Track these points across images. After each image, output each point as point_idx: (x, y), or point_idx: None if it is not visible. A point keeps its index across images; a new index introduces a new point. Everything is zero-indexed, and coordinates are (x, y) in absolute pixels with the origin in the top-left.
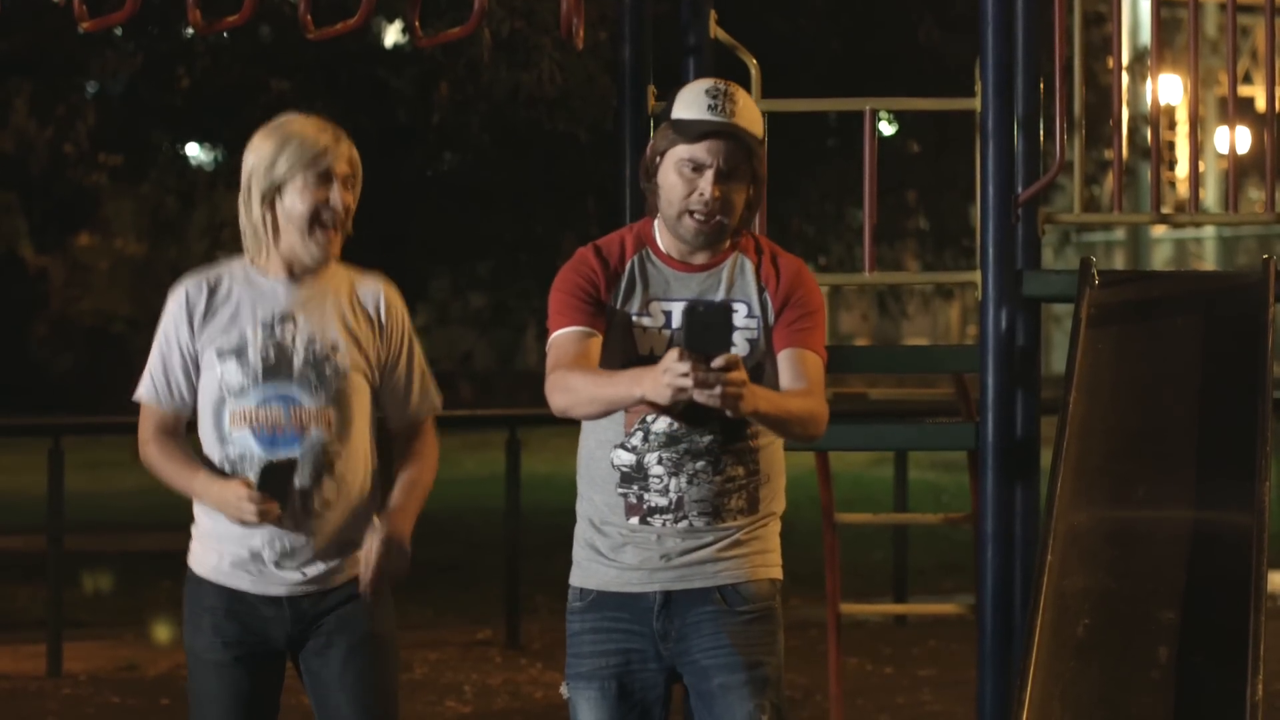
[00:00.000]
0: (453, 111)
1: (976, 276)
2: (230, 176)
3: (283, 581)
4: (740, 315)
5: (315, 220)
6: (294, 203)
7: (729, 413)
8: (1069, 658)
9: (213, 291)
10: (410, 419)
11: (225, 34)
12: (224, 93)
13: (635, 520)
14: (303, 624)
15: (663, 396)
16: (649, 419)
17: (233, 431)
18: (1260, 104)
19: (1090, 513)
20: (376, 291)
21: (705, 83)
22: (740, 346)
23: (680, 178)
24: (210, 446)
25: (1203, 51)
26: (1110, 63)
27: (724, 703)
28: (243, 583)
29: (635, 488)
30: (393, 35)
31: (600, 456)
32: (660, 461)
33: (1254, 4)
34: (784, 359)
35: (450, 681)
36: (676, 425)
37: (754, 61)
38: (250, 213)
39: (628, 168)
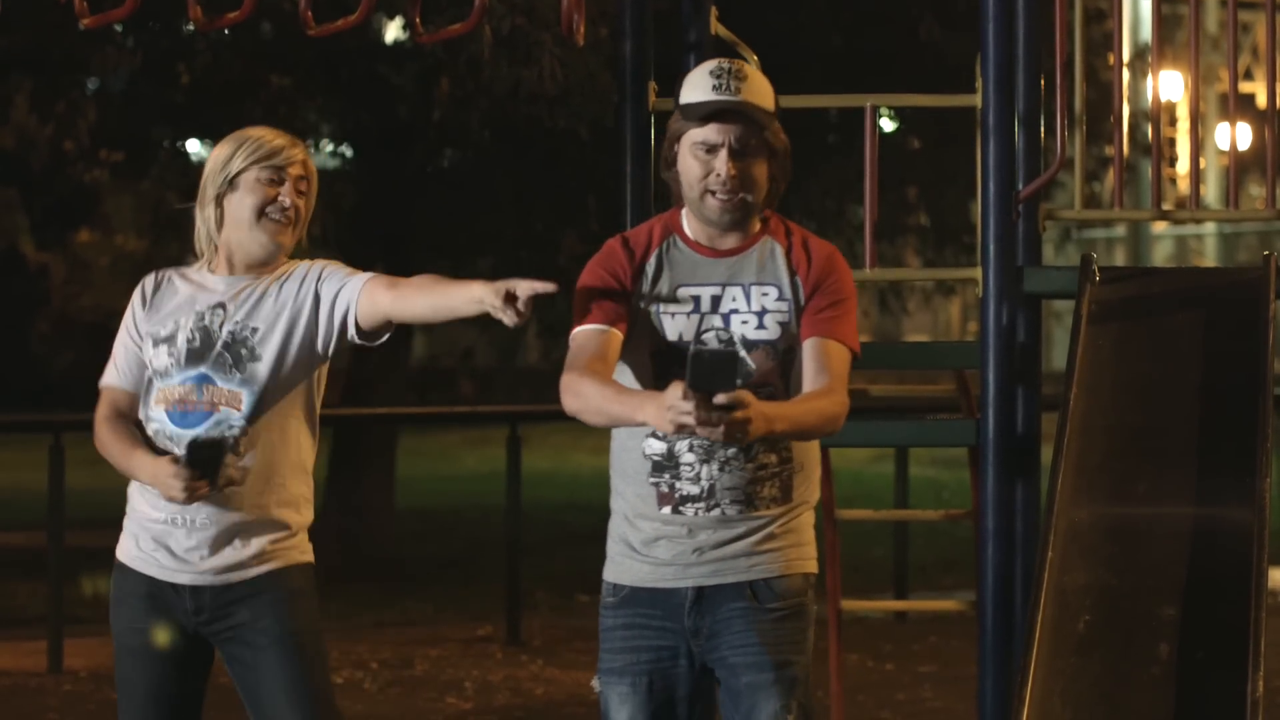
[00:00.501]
0: (453, 108)
1: (977, 273)
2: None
3: (188, 570)
4: (771, 299)
5: (262, 214)
6: (243, 197)
7: (735, 444)
8: (1070, 654)
9: (160, 285)
10: (371, 287)
11: (226, 30)
12: (225, 89)
13: (667, 510)
14: (207, 615)
15: (664, 428)
16: None
17: (154, 409)
18: (1261, 100)
19: (1091, 509)
20: (313, 264)
21: (710, 63)
22: (771, 330)
23: (696, 160)
24: (144, 428)
25: (1203, 48)
26: (1111, 59)
27: (750, 701)
28: (152, 568)
29: (667, 476)
30: (393, 32)
31: (632, 447)
32: (691, 449)
33: (1255, 0)
34: (808, 349)
35: (451, 678)
36: None
37: (754, 57)
38: (203, 211)
39: (629, 164)
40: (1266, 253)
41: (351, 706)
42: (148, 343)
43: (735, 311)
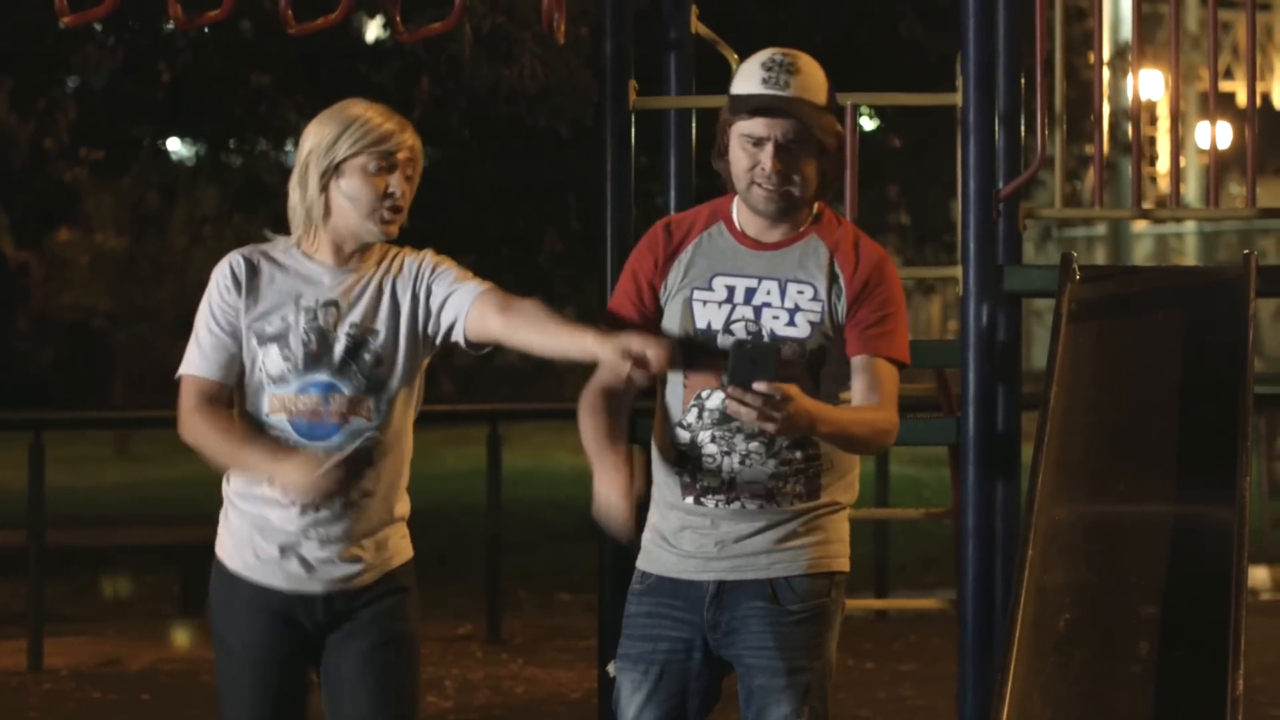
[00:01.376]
0: (434, 107)
1: (957, 271)
2: (211, 171)
3: (320, 579)
4: (806, 297)
5: (377, 205)
6: (354, 185)
7: (772, 430)
8: (1050, 652)
9: (256, 271)
10: (482, 304)
11: (206, 29)
12: (205, 87)
13: (690, 500)
14: (335, 621)
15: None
16: (703, 394)
17: (272, 417)
18: (1241, 99)
19: (1071, 508)
20: (421, 258)
21: (764, 54)
22: (801, 328)
23: (744, 152)
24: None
25: (1184, 47)
26: (1091, 58)
27: (761, 703)
28: (278, 579)
29: (690, 466)
30: (374, 30)
31: (663, 435)
32: (713, 440)
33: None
34: (858, 366)
35: (431, 676)
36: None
37: (735, 56)
38: (305, 192)
39: (609, 163)
40: (1246, 251)
41: None
42: (251, 338)
43: (767, 305)
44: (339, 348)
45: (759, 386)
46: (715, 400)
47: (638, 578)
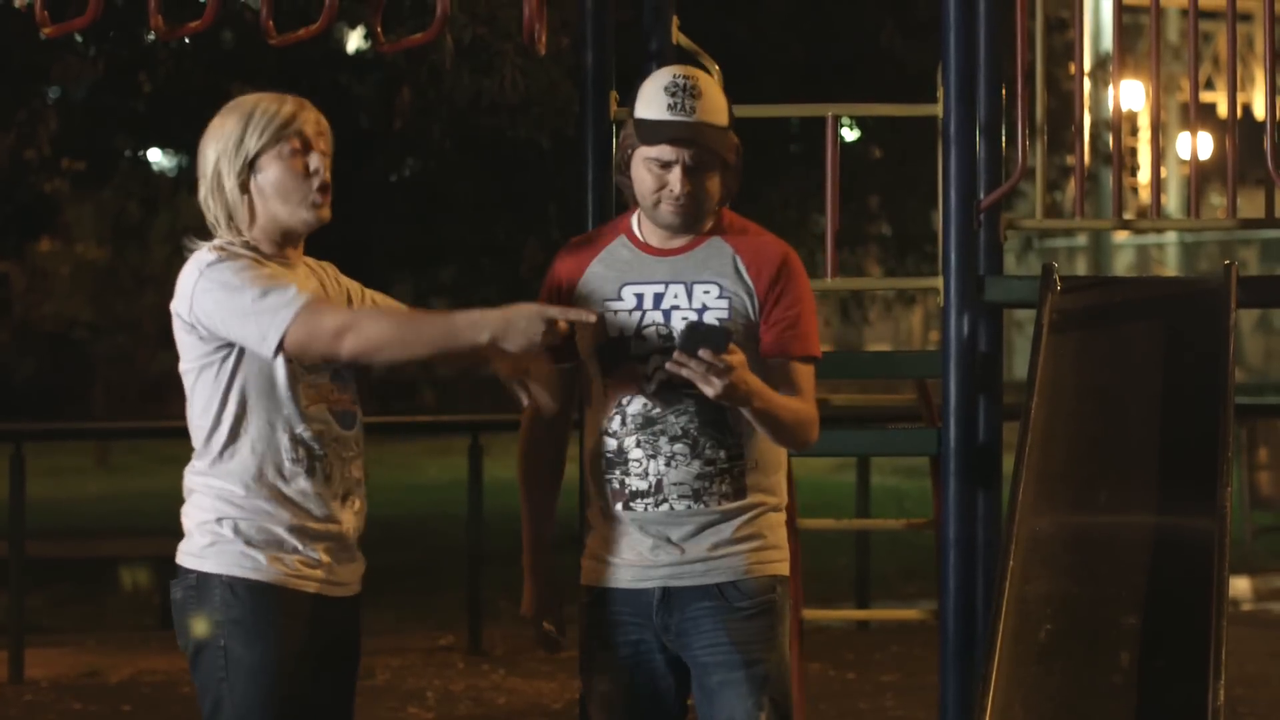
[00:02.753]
0: (415, 117)
1: (938, 282)
2: (192, 182)
3: (339, 584)
4: (712, 296)
5: (305, 189)
6: (274, 175)
7: (711, 394)
8: (1031, 663)
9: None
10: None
11: (187, 39)
12: (186, 98)
13: (619, 506)
14: (343, 629)
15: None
16: (624, 401)
17: (311, 409)
18: (1222, 110)
19: (1052, 518)
20: (323, 268)
21: (664, 77)
22: None
23: (650, 174)
24: (273, 425)
25: (1164, 57)
26: (1072, 68)
27: (723, 699)
28: (310, 585)
29: (617, 472)
30: (355, 41)
31: (590, 445)
32: (639, 444)
33: (1215, 10)
34: (775, 370)
35: (413, 687)
36: (651, 406)
37: (716, 67)
38: (223, 199)
39: (590, 173)
40: (1227, 261)
41: None
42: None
43: (676, 308)
44: None
45: (704, 354)
46: (637, 405)
47: (583, 593)
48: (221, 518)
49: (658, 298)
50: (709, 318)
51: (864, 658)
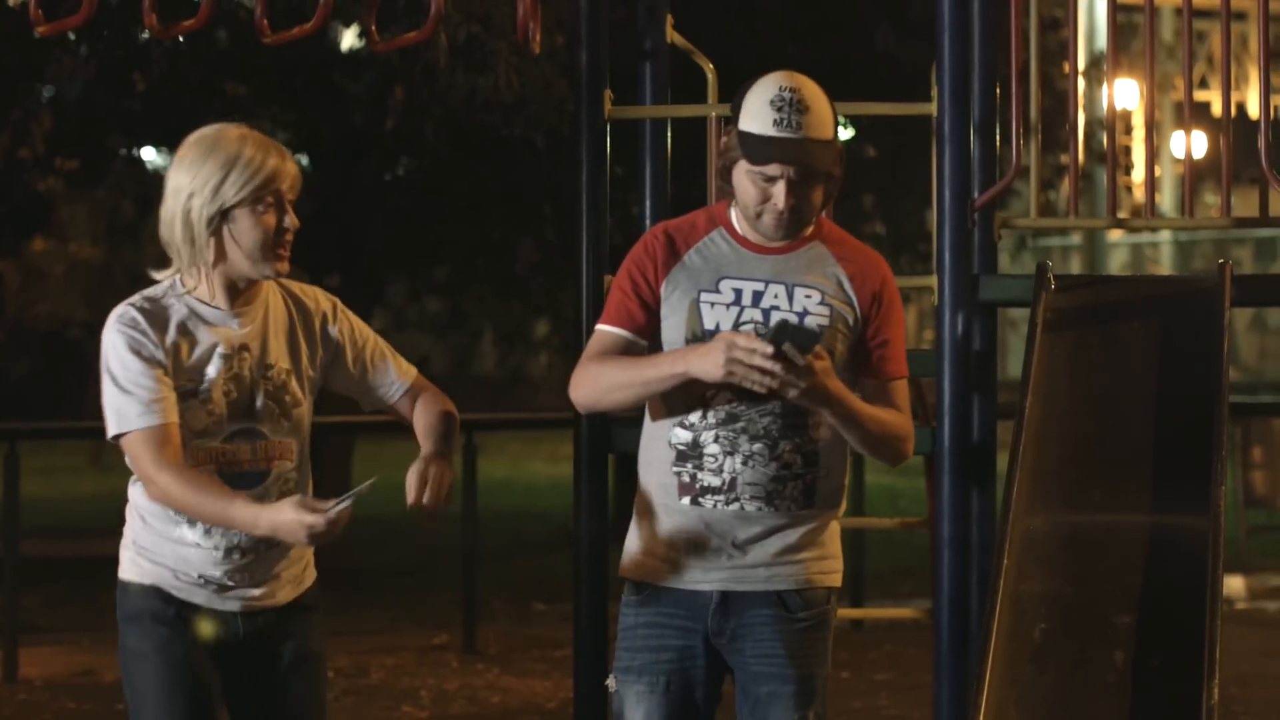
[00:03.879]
0: (409, 116)
1: (933, 281)
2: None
3: (238, 598)
4: (814, 302)
5: (272, 244)
6: (246, 229)
7: (791, 394)
8: (1025, 662)
9: (162, 321)
10: (406, 382)
11: (181, 38)
12: (180, 97)
13: (686, 501)
14: (250, 639)
15: (713, 372)
16: (709, 394)
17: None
18: (1216, 109)
19: (1046, 517)
20: (315, 301)
21: (770, 89)
22: None
23: (753, 185)
24: None
25: (1159, 57)
26: (1066, 67)
27: (768, 709)
28: (197, 597)
29: (690, 466)
30: (349, 40)
31: (658, 436)
32: (716, 440)
33: (1210, 9)
34: (871, 389)
35: (407, 686)
36: (737, 403)
37: (710, 66)
38: (190, 235)
39: (585, 172)
40: (1221, 260)
41: None
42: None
43: (776, 308)
44: (259, 394)
45: (788, 348)
46: (721, 400)
47: (631, 589)
48: (134, 538)
49: (757, 295)
50: (809, 322)
51: (858, 657)
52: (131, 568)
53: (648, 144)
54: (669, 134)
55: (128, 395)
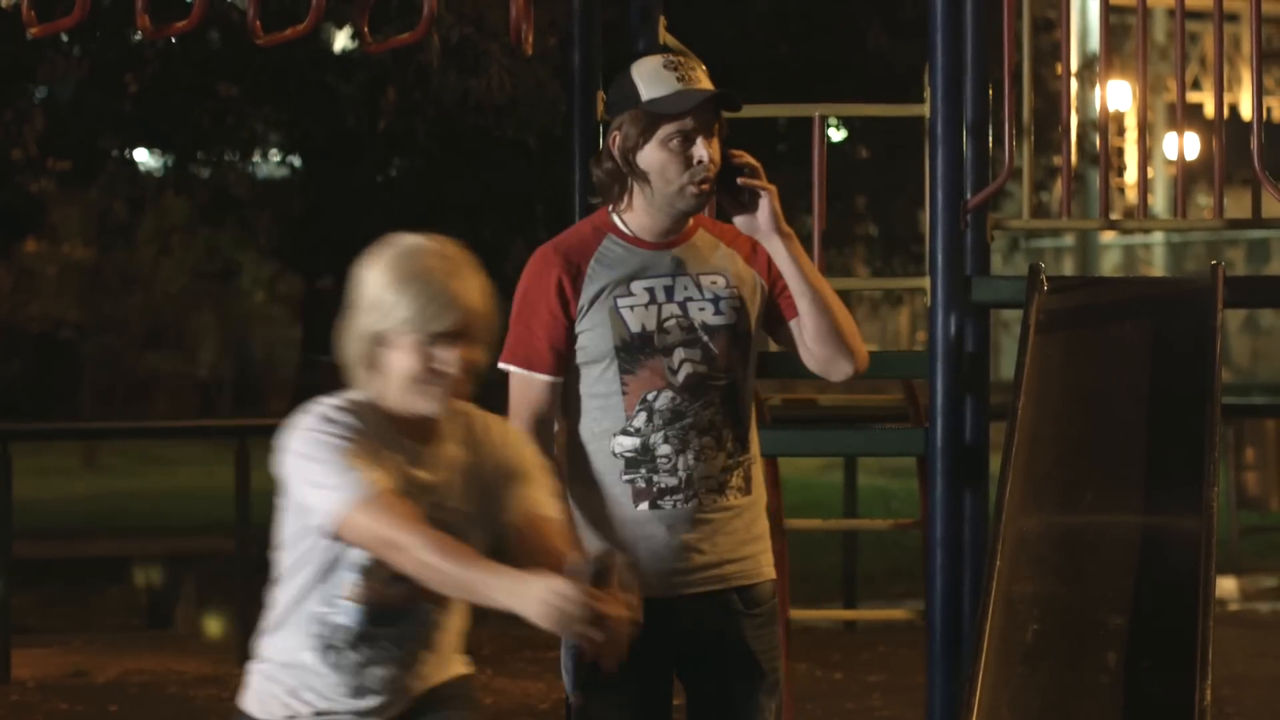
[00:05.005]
0: (401, 117)
1: (925, 282)
2: (179, 182)
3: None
4: (720, 285)
5: (421, 380)
6: (399, 358)
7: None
8: (1018, 663)
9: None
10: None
11: (174, 39)
12: (173, 98)
13: (645, 505)
14: None
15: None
16: (649, 396)
17: (343, 603)
18: (1209, 110)
19: (1039, 518)
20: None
21: (654, 59)
22: (728, 315)
23: (671, 153)
24: (305, 607)
25: (1151, 58)
26: (1059, 69)
27: (740, 706)
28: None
29: (643, 470)
30: (342, 41)
31: (596, 449)
32: (666, 440)
33: (1202, 10)
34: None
35: None
36: (680, 399)
37: (703, 67)
38: (367, 346)
39: (577, 173)
40: (1214, 262)
41: None
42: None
43: (690, 299)
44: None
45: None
46: (663, 400)
47: None
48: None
49: (668, 290)
50: (725, 306)
51: (851, 658)
52: (262, 700)
53: None
54: None
55: (346, 468)
